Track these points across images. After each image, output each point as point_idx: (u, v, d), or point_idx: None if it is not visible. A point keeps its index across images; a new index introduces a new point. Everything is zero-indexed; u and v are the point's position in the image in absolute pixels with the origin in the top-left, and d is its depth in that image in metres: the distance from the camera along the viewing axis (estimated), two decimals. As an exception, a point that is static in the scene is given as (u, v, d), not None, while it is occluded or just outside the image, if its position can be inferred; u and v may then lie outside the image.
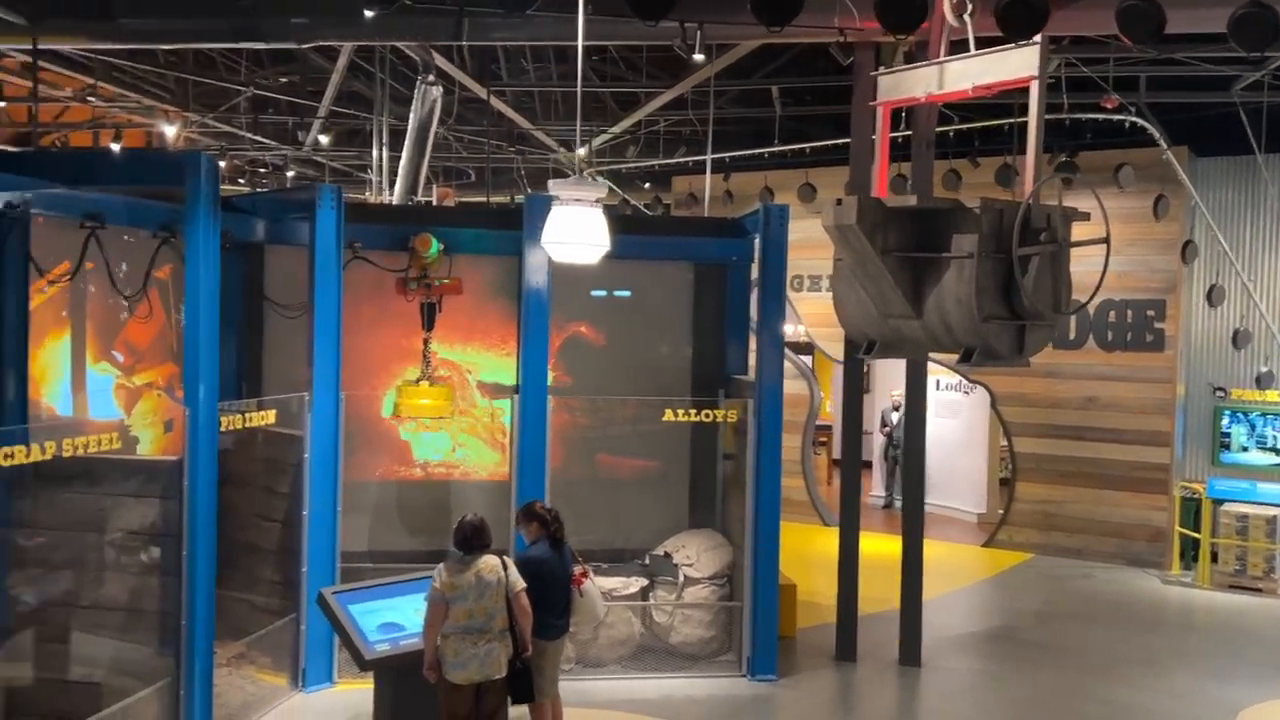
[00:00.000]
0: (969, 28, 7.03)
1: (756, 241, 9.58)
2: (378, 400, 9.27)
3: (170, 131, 14.52)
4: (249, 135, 16.72)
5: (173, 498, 6.92)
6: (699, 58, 8.50)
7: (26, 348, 7.20)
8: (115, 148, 13.88)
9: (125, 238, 7.71)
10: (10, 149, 9.62)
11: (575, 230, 6.68)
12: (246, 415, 7.67)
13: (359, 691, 7.97)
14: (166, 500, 6.98)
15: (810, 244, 11.56)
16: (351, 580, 8.26)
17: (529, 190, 19.73)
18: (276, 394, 8.56)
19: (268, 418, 7.93)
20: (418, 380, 9.07)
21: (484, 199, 17.87)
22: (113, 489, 7.04)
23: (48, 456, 5.74)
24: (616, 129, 13.84)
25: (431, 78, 10.43)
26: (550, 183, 6.81)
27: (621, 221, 9.28)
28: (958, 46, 7.41)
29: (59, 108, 16.30)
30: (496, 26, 8.90)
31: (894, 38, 7.60)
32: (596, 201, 6.66)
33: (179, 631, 6.92)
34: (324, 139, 15.09)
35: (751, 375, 9.63)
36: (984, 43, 7.08)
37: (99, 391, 8.12)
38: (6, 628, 7.16)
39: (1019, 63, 6.73)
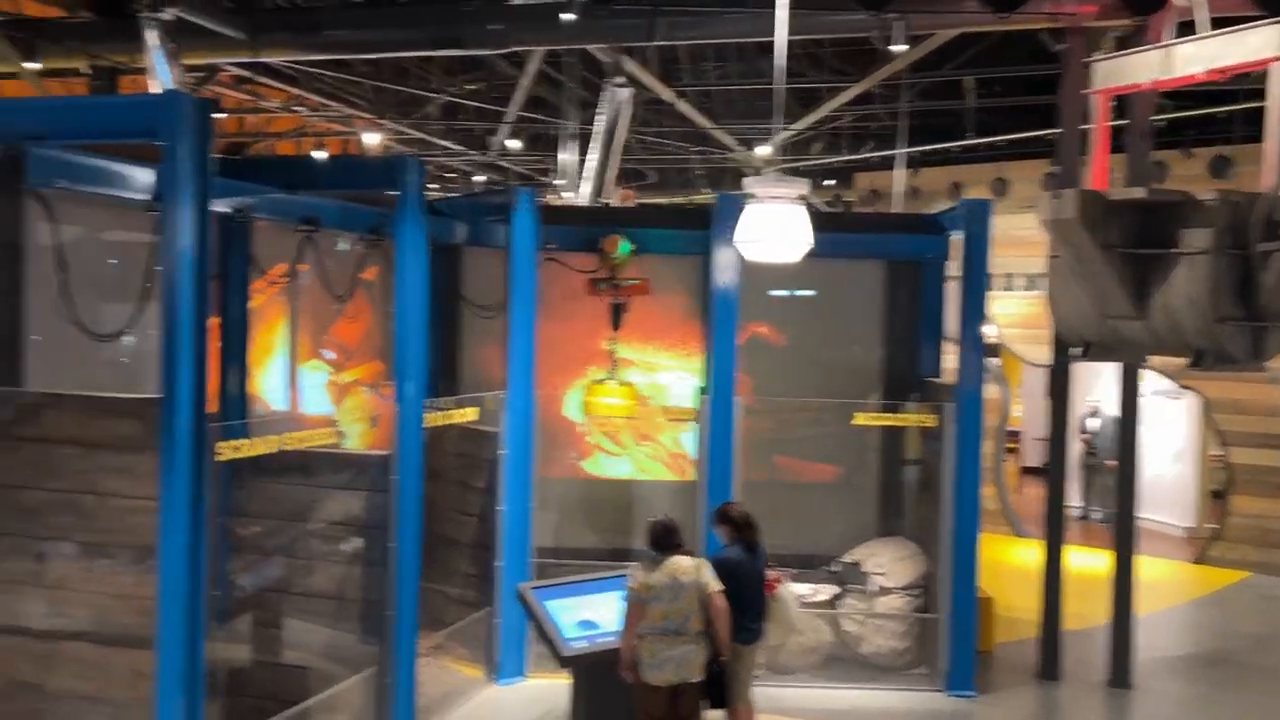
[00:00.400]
0: (1205, 7, 6.53)
1: (953, 238, 9.22)
2: (562, 399, 9.40)
3: (372, 139, 15.16)
4: (438, 141, 17.31)
5: (381, 491, 7.16)
6: (901, 48, 8.22)
7: (247, 345, 7.60)
8: (320, 155, 14.58)
9: (339, 243, 8.04)
10: (232, 158, 10.20)
11: (773, 228, 6.55)
12: (449, 412, 7.86)
13: (551, 685, 8.07)
14: (376, 493, 7.22)
15: (1002, 241, 11.03)
16: (541, 575, 8.40)
17: (705, 191, 19.72)
18: (470, 391, 8.78)
19: (469, 415, 8.12)
20: (604, 379, 9.15)
21: (664, 200, 17.94)
22: (325, 481, 7.33)
23: (272, 450, 6.00)
24: (800, 125, 13.64)
25: (620, 80, 10.49)
26: (746, 180, 6.70)
27: (811, 219, 9.09)
28: (1180, 30, 6.93)
29: (265, 118, 17.30)
30: (689, 25, 8.86)
31: (1129, 21, 7.14)
32: (799, 198, 6.50)
33: (384, 621, 7.14)
34: (513, 144, 15.45)
35: (947, 378, 9.27)
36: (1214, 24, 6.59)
37: (311, 388, 8.51)
38: (227, 610, 7.56)
39: (1260, 43, 6.22)
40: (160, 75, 8.68)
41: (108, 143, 5.62)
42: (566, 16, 7.82)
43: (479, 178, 19.55)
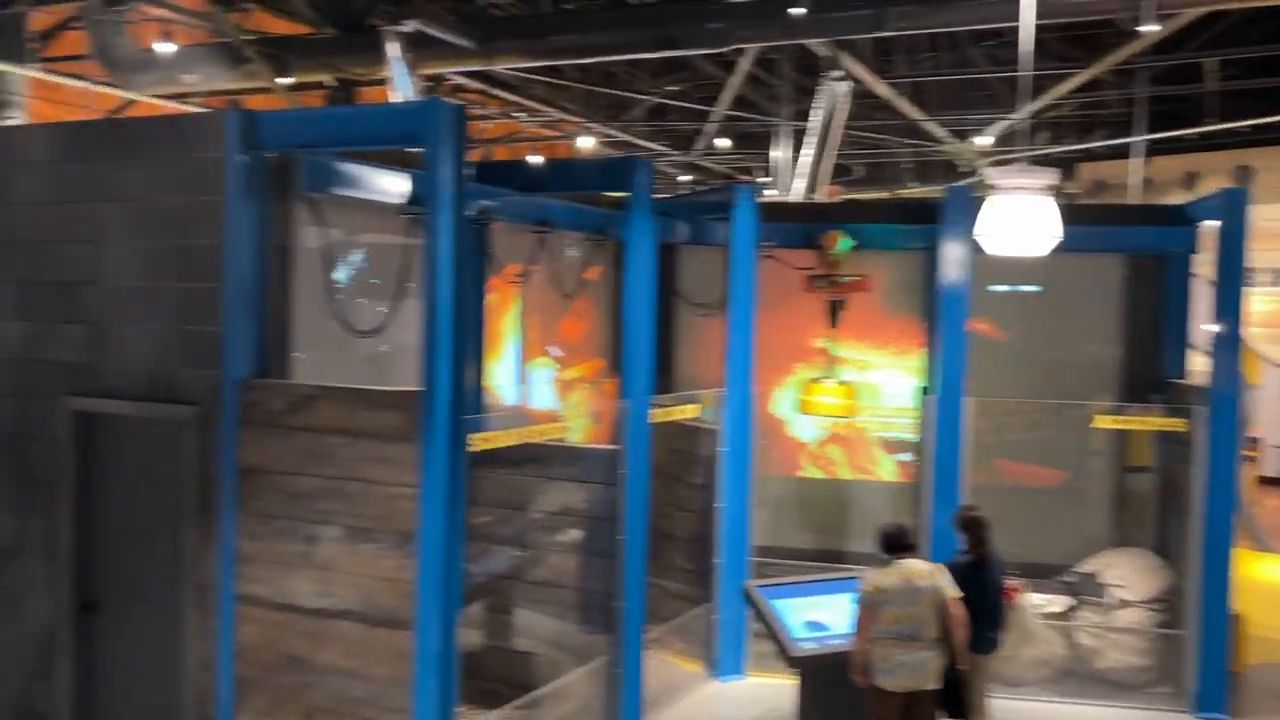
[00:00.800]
0: None
1: (1201, 230, 8.63)
2: (771, 396, 9.35)
3: (586, 143, 15.53)
4: (642, 142, 17.56)
5: (608, 484, 7.31)
6: (1152, 28, 7.74)
7: (483, 341, 7.91)
8: (536, 159, 15.04)
9: (566, 244, 8.27)
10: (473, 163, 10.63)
11: (1018, 220, 6.29)
12: (672, 409, 7.94)
13: (771, 685, 8.05)
14: (603, 485, 7.38)
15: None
16: (758, 574, 8.39)
17: (912, 185, 19.22)
18: (683, 388, 8.86)
19: (691, 411, 8.19)
20: (821, 378, 9.05)
21: (871, 196, 17.60)
22: (555, 473, 7.55)
23: (517, 443, 6.22)
24: (1020, 114, 13.04)
25: (837, 74, 10.33)
26: (988, 171, 6.48)
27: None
28: None
29: (480, 126, 17.98)
30: (923, 14, 8.62)
31: None
32: (1046, 189, 6.23)
33: (613, 612, 7.28)
34: (722, 142, 15.50)
35: (1194, 380, 8.69)
36: None
37: (538, 383, 8.78)
38: (464, 596, 7.88)
39: None
40: (400, 85, 9.17)
41: (370, 150, 5.97)
42: (797, 11, 7.75)
43: (683, 177, 19.71)
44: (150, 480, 6.18)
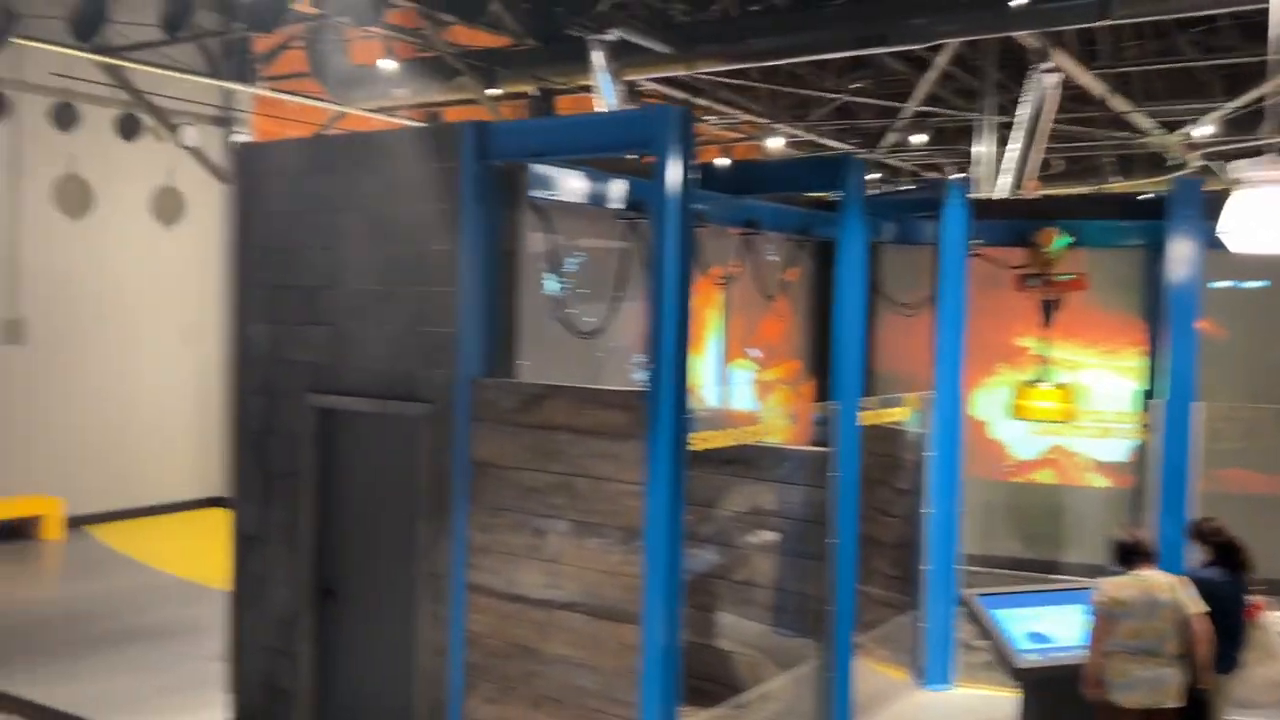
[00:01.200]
0: None
1: None
2: (970, 398, 9.08)
3: (776, 144, 15.50)
4: (826, 142, 17.37)
5: (818, 486, 7.26)
6: None
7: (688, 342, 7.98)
8: (723, 161, 15.10)
9: (769, 245, 8.27)
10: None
11: (1269, 216, 5.91)
12: (881, 411, 7.83)
13: (981, 696, 7.84)
14: (812, 488, 7.34)
15: None
16: (966, 583, 8.16)
17: (1114, 179, 18.32)
18: (882, 390, 8.70)
19: (899, 414, 8.05)
20: (1035, 381, 8.73)
21: (1073, 191, 16.88)
22: (764, 475, 7.56)
23: (733, 443, 6.26)
24: (1237, 103, 12.25)
25: (1048, 65, 9.95)
26: (1234, 164, 6.11)
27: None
28: None
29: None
30: (1143, 1, 8.22)
31: None
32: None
33: (823, 616, 7.22)
34: (918, 139, 15.19)
35: None
36: None
37: (738, 385, 8.81)
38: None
39: None
40: (605, 94, 9.38)
41: (596, 157, 6.13)
42: (1017, 2, 7.52)
43: (870, 175, 19.38)
44: (385, 474, 6.53)
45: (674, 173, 5.34)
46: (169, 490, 14.26)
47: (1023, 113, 10.48)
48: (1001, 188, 10.80)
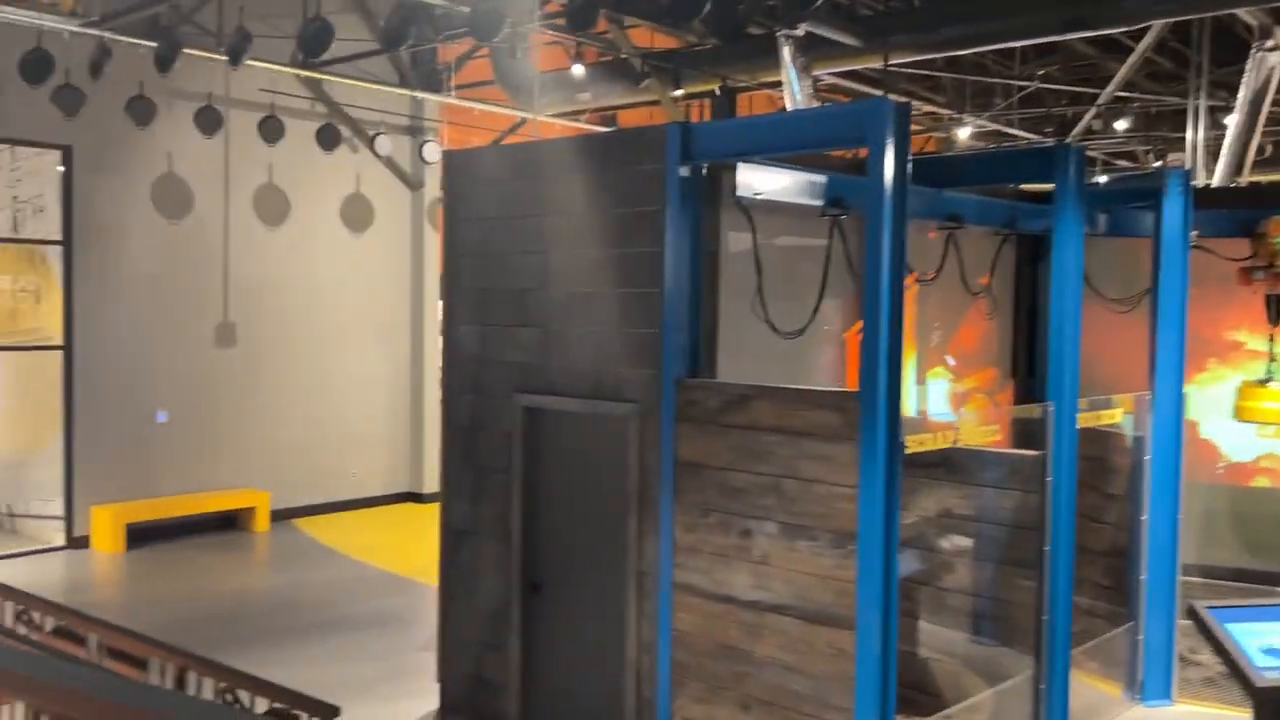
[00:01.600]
0: None
1: None
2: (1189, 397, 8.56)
3: (963, 133, 15.04)
4: (1011, 131, 16.71)
5: (1031, 491, 6.98)
6: None
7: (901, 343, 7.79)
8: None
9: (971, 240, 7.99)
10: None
11: None
12: (1099, 413, 7.46)
13: (1206, 713, 7.40)
14: (1024, 493, 7.06)
15: None
16: (1187, 593, 7.70)
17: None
18: (1087, 392, 8.26)
19: (1116, 416, 7.66)
20: (1264, 381, 8.15)
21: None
22: (973, 479, 7.32)
23: (947, 445, 6.07)
24: None
25: (1271, 43, 9.28)
26: None
27: None
28: None
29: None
30: None
31: None
32: None
33: (1039, 627, 6.93)
34: (1121, 125, 14.46)
35: None
36: None
37: (935, 395, 8.55)
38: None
39: None
40: (795, 90, 9.26)
41: (804, 154, 6.04)
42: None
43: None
44: (592, 472, 6.63)
45: (891, 167, 5.20)
46: (364, 485, 14.95)
47: (1243, 95, 9.80)
48: (1218, 175, 10.13)
